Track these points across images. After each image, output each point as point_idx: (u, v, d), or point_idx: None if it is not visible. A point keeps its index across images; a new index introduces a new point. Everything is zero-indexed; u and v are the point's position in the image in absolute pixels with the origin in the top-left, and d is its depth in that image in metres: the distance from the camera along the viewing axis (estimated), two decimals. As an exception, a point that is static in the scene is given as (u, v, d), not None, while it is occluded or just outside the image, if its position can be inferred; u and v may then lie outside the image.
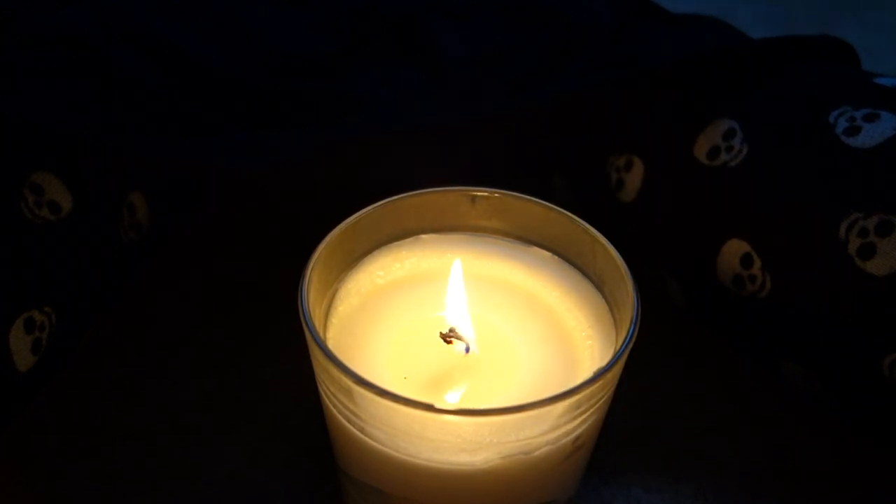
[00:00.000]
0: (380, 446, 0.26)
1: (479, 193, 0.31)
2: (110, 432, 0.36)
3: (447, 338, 0.29)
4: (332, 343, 0.29)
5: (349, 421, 0.26)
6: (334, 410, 0.27)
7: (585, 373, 0.28)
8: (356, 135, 0.38)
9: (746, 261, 0.34)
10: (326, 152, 0.37)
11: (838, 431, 0.36)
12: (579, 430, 0.26)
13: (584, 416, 0.26)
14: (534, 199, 0.31)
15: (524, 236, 0.32)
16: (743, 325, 0.36)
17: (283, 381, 0.38)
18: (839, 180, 0.32)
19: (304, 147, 0.37)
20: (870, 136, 0.32)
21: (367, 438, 0.26)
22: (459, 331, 0.29)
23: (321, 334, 0.27)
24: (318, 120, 0.40)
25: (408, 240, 0.32)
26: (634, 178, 0.38)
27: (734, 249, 0.34)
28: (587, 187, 0.41)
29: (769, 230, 0.33)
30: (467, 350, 0.29)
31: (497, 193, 0.31)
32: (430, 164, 0.36)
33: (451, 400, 0.27)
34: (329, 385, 0.26)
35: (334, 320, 0.30)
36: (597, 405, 0.26)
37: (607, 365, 0.25)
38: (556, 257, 0.32)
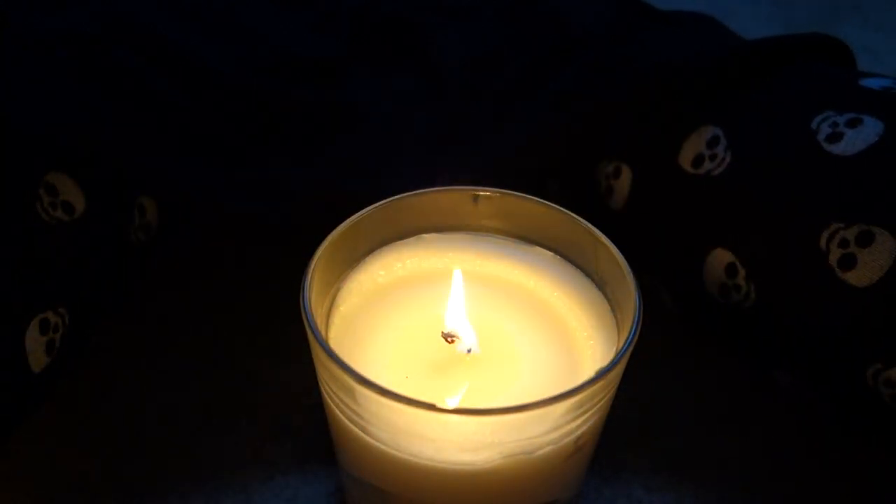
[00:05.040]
0: (381, 446, 0.26)
1: (480, 193, 0.31)
2: (110, 432, 0.36)
3: (448, 337, 0.29)
4: (334, 342, 0.29)
5: (351, 420, 0.26)
6: (336, 410, 0.27)
7: (587, 373, 0.27)
8: (360, 185, 0.38)
9: (731, 270, 0.34)
10: (330, 194, 0.38)
11: (838, 431, 0.36)
12: (581, 430, 0.26)
13: (585, 416, 0.26)
14: (536, 198, 0.31)
15: (526, 236, 0.32)
16: (731, 334, 0.36)
17: (285, 380, 0.38)
18: (820, 189, 0.31)
19: (310, 187, 0.38)
20: (852, 142, 0.31)
21: (368, 438, 0.26)
22: (459, 334, 0.29)
23: (323, 333, 0.27)
24: (316, 130, 0.40)
25: (409, 239, 0.32)
26: (623, 186, 0.38)
27: (719, 259, 0.34)
28: (579, 194, 0.41)
29: (752, 240, 0.33)
30: (469, 350, 0.29)
31: (499, 193, 0.31)
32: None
33: (452, 400, 0.27)
34: (331, 384, 0.26)
35: (336, 320, 0.30)
36: (598, 405, 0.26)
37: (609, 365, 0.25)
38: (557, 257, 0.32)
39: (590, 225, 0.30)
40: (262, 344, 0.39)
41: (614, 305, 0.30)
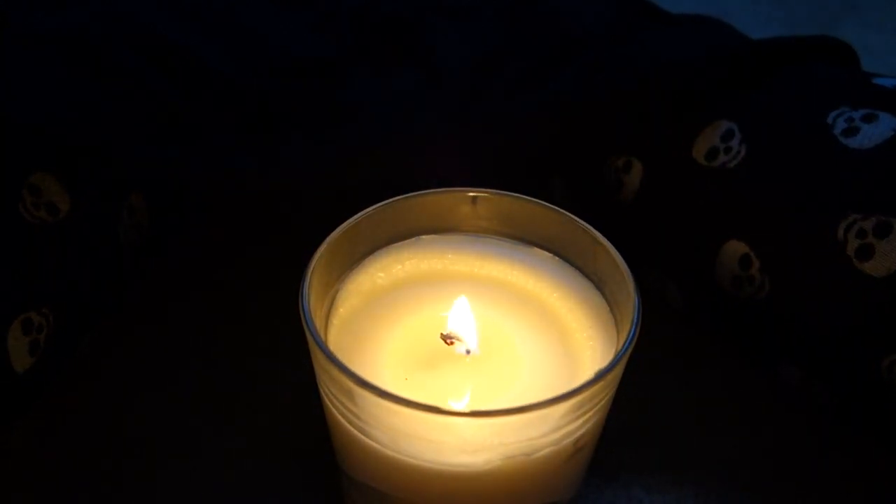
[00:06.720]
0: (381, 448, 0.26)
1: (479, 194, 0.31)
2: (110, 433, 0.36)
3: (447, 339, 0.29)
4: (333, 344, 0.29)
5: (350, 422, 0.26)
6: (335, 412, 0.27)
7: (587, 374, 0.27)
8: (358, 143, 0.38)
9: (745, 262, 0.34)
10: (330, 161, 0.38)
11: (838, 431, 0.36)
12: (581, 431, 0.26)
13: (585, 417, 0.26)
14: (534, 199, 0.31)
15: (525, 237, 0.32)
16: (741, 327, 0.36)
17: (284, 382, 0.38)
18: (837, 181, 0.32)
19: (311, 156, 0.38)
20: (868, 136, 0.32)
21: (367, 440, 0.26)
22: (459, 336, 0.29)
23: (322, 335, 0.27)
24: (317, 124, 0.40)
25: (408, 241, 0.32)
26: (633, 180, 0.38)
27: (733, 251, 0.34)
28: (586, 188, 0.41)
29: (767, 231, 0.33)
30: (468, 351, 0.29)
31: (497, 194, 0.31)
32: (430, 169, 0.36)
33: (451, 401, 0.27)
34: (330, 386, 0.26)
35: (335, 321, 0.30)
36: (598, 406, 0.26)
37: (609, 366, 0.25)
38: (556, 258, 0.32)
39: (588, 225, 0.30)
40: (262, 344, 0.39)
41: (613, 306, 0.30)
